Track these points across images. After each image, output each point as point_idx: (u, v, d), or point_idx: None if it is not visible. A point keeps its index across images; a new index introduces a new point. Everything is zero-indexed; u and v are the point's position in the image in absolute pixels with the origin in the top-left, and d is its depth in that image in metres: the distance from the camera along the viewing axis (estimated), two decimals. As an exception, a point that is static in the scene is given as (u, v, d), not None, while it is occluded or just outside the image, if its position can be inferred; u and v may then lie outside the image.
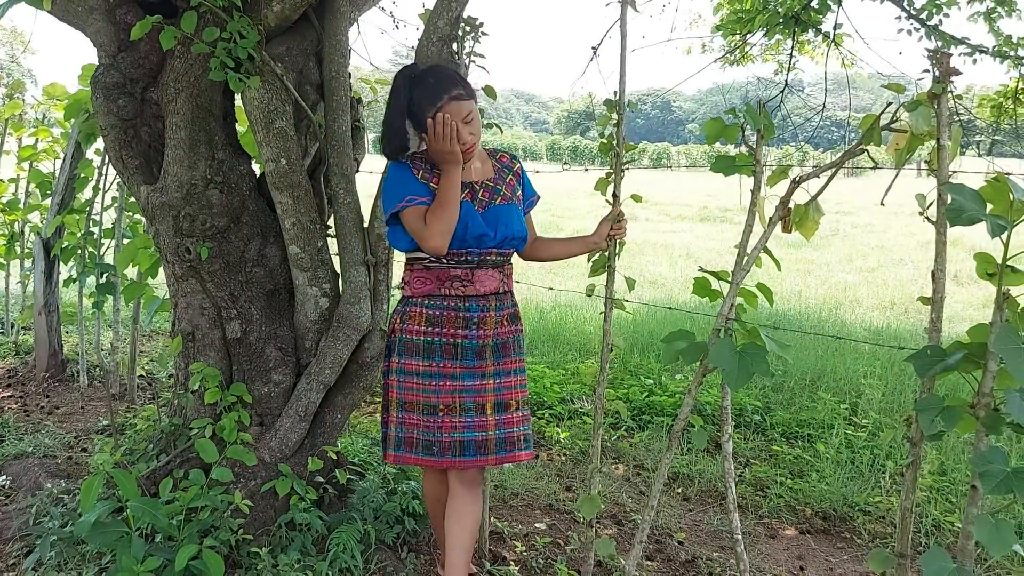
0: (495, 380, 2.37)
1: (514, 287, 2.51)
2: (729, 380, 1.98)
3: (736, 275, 2.13)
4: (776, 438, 4.10)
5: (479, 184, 2.38)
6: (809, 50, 7.62)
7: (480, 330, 2.35)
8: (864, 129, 1.94)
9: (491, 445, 2.33)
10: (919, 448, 1.84)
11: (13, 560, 2.67)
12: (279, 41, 2.83)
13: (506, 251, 2.41)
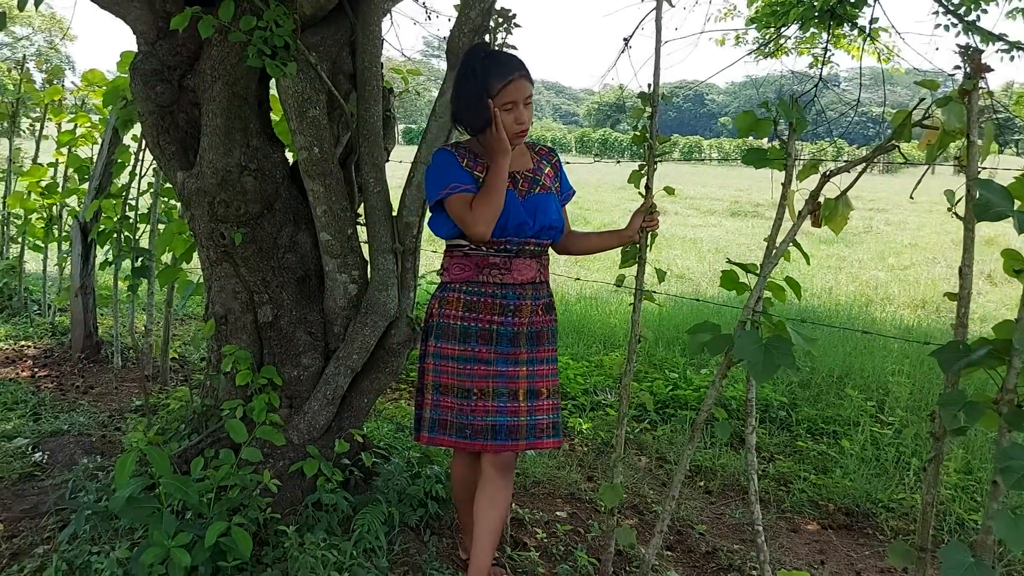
0: (528, 368, 2.41)
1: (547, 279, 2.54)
2: (754, 372, 1.99)
3: (764, 268, 2.14)
4: (801, 434, 4.09)
5: (519, 174, 2.42)
6: (845, 44, 7.53)
7: (516, 318, 2.39)
8: (896, 125, 1.94)
9: (522, 431, 2.37)
10: (942, 443, 1.85)
11: (48, 533, 2.74)
12: (314, 31, 2.86)
13: (543, 241, 2.45)
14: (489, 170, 2.32)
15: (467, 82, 2.37)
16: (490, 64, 2.33)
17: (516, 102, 2.29)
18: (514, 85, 2.28)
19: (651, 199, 2.49)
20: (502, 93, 2.28)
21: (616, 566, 2.72)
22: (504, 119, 2.29)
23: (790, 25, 6.71)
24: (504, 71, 2.30)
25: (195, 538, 2.36)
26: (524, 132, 2.36)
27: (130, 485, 2.40)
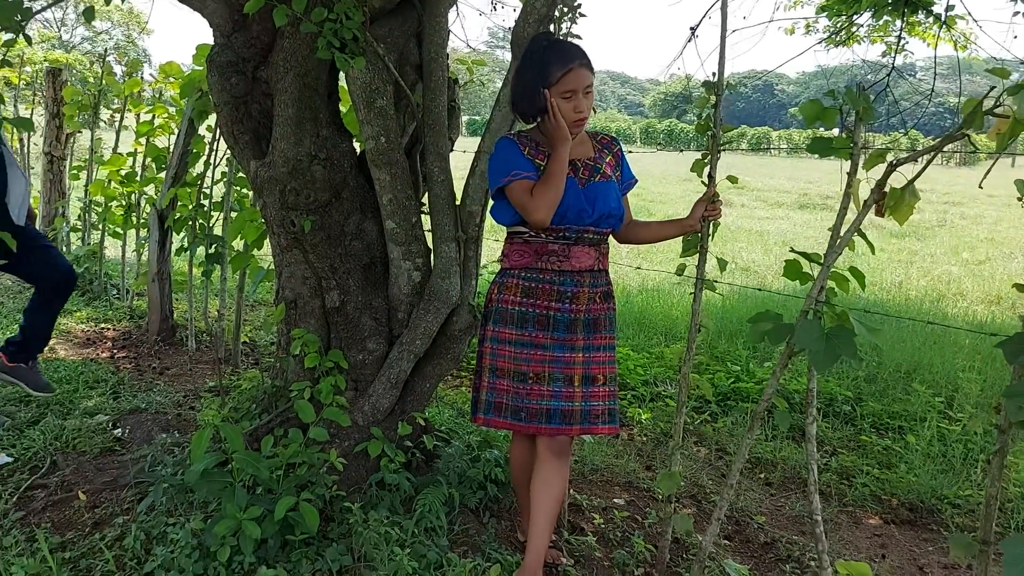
0: (584, 354, 2.44)
1: (606, 267, 2.56)
2: (815, 362, 1.99)
3: (828, 257, 2.12)
4: (865, 428, 4.03)
5: (580, 161, 2.45)
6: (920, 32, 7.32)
7: (573, 304, 2.42)
8: (966, 114, 1.90)
9: (576, 415, 2.41)
10: (1007, 436, 1.81)
11: (127, 504, 2.88)
12: (382, 23, 2.92)
13: (603, 230, 2.47)
14: (549, 158, 2.36)
15: (527, 69, 2.40)
16: (551, 52, 2.36)
17: (575, 91, 2.32)
18: (574, 74, 2.31)
19: (713, 188, 2.49)
20: (561, 81, 2.31)
21: (673, 553, 2.74)
22: (563, 108, 2.32)
23: (862, 12, 6.55)
24: (564, 59, 2.33)
25: (265, 512, 2.46)
26: (583, 121, 2.38)
27: (204, 460, 2.52)
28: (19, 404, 3.83)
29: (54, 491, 2.97)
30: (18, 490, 2.95)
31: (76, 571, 2.44)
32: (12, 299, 6.19)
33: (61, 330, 5.32)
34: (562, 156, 2.33)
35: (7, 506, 2.81)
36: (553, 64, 2.32)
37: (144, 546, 2.55)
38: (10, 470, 3.13)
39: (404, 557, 2.38)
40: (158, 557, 2.44)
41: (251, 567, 2.42)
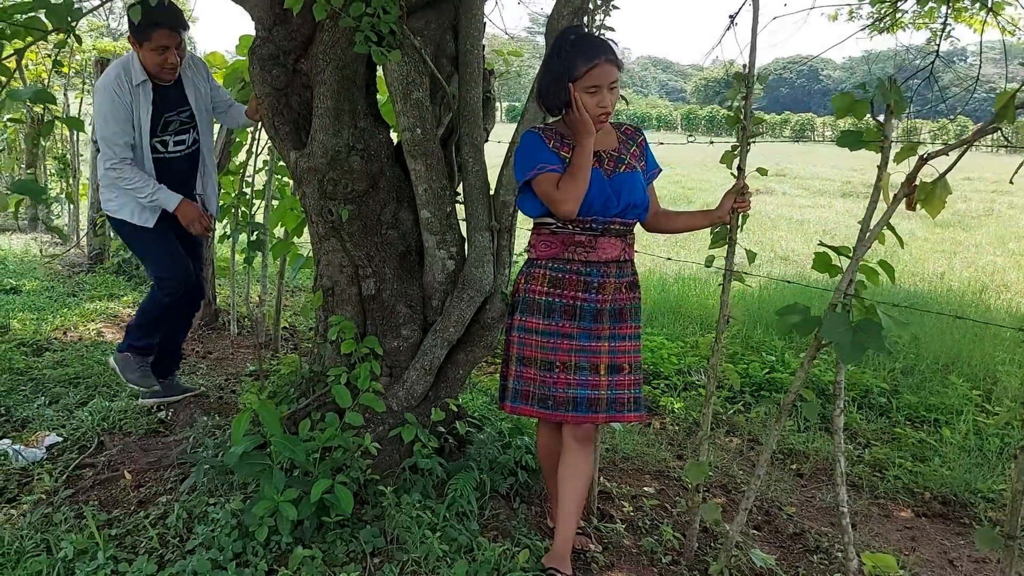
0: (610, 343, 2.48)
1: (635, 257, 2.59)
2: (841, 354, 2.00)
3: (857, 250, 2.13)
4: (900, 421, 4.01)
5: (605, 153, 2.48)
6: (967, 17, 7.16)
7: (599, 295, 2.46)
8: (999, 106, 1.90)
9: (602, 404, 2.45)
10: (1036, 432, 1.81)
11: (171, 484, 2.98)
12: (419, 15, 2.96)
13: (629, 220, 2.50)
14: (574, 150, 2.39)
15: (553, 62, 2.43)
16: (577, 47, 2.38)
17: (600, 86, 2.34)
18: (599, 69, 2.33)
19: (743, 180, 2.50)
20: (587, 76, 2.33)
21: (701, 542, 2.77)
22: (587, 102, 2.34)
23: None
24: (590, 54, 2.35)
25: (301, 494, 2.54)
26: (607, 116, 2.41)
27: (244, 442, 2.60)
28: (67, 386, 3.97)
29: (101, 470, 3.09)
30: (67, 469, 3.07)
31: (122, 547, 2.54)
32: (62, 283, 6.38)
33: (108, 314, 5.48)
34: (587, 148, 2.37)
35: (57, 484, 2.93)
36: (579, 59, 2.34)
37: (186, 525, 2.65)
38: (59, 449, 3.26)
39: (435, 540, 2.44)
40: (199, 535, 2.53)
41: (288, 547, 2.50)
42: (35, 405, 3.68)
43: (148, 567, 2.37)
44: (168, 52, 3.36)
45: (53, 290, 6.08)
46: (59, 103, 9.37)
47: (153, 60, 3.36)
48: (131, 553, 2.51)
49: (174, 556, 2.48)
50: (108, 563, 2.40)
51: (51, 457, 3.20)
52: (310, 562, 2.40)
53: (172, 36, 3.35)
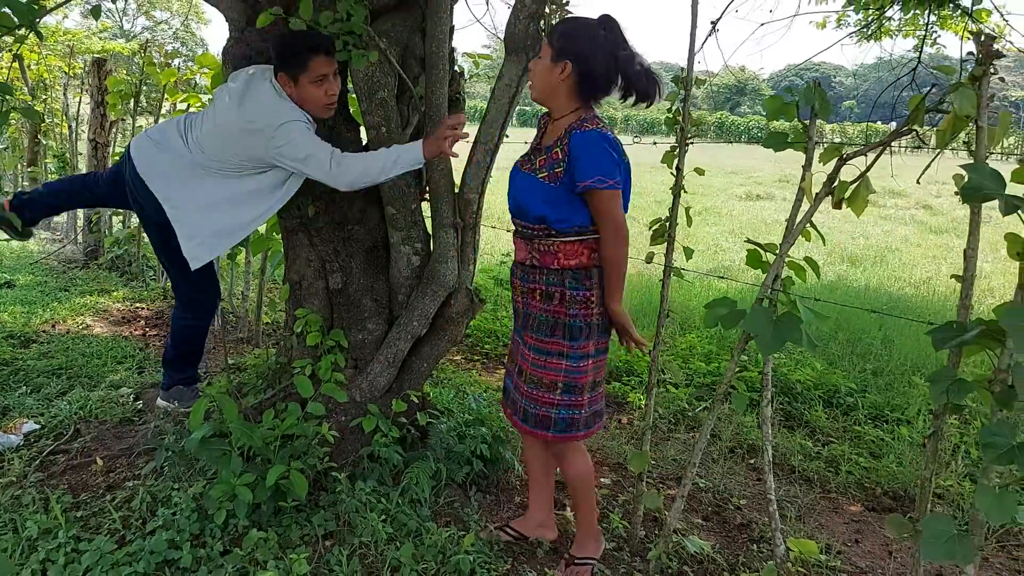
0: (527, 350, 2.53)
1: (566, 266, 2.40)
2: (762, 346, 2.08)
3: (782, 247, 2.21)
4: (862, 420, 4.08)
5: (538, 143, 2.50)
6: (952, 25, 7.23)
7: (516, 295, 2.59)
8: (911, 109, 1.98)
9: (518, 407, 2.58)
10: (940, 420, 1.90)
11: (139, 470, 3.07)
12: (386, 18, 3.06)
13: (530, 224, 2.41)
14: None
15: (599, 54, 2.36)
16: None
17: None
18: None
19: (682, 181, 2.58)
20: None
21: (649, 531, 2.85)
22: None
23: (890, 6, 6.51)
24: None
25: (258, 479, 2.63)
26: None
27: (204, 428, 2.70)
28: (50, 376, 4.08)
29: (74, 456, 3.19)
30: (41, 455, 3.17)
31: (86, 528, 2.64)
32: (56, 278, 6.50)
33: (98, 308, 5.59)
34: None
35: (28, 469, 3.03)
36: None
37: (149, 508, 2.74)
38: (36, 436, 3.36)
39: (380, 524, 2.53)
40: (160, 518, 2.63)
41: (244, 529, 2.59)
42: (16, 394, 3.78)
43: (107, 545, 2.46)
44: (327, 83, 2.87)
45: (46, 285, 6.20)
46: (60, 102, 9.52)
47: (314, 96, 2.87)
48: (94, 533, 2.60)
49: (134, 536, 2.57)
50: (70, 542, 2.50)
51: (28, 444, 3.29)
52: (264, 544, 2.50)
53: (330, 62, 2.84)
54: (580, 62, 2.32)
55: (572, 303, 2.40)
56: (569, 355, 2.43)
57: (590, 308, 2.40)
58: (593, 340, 2.43)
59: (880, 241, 10.56)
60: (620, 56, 2.33)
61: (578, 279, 2.39)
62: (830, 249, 9.87)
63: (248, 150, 2.92)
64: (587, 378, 2.46)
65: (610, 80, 2.36)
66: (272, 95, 2.87)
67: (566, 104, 2.40)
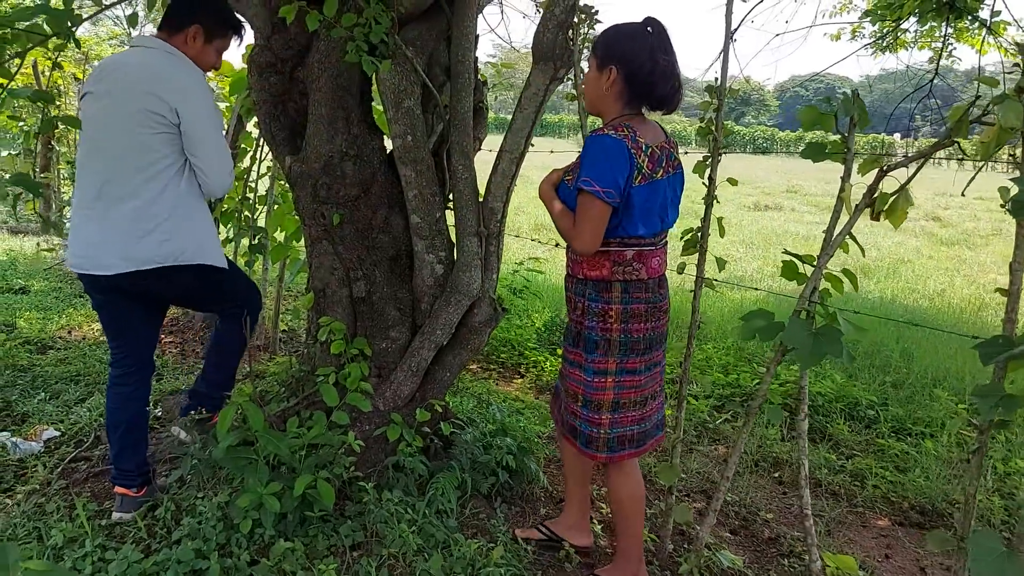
0: (562, 357, 2.57)
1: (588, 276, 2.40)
2: (801, 359, 2.06)
3: (820, 259, 2.19)
4: (885, 433, 4.04)
5: None
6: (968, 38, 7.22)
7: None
8: (952, 122, 1.96)
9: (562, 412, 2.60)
10: (985, 436, 1.87)
11: (162, 478, 3.06)
12: (412, 26, 3.05)
13: None
14: None
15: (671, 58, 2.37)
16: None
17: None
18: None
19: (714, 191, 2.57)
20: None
21: (677, 544, 2.82)
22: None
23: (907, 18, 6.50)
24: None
25: (285, 488, 2.61)
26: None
27: (230, 436, 2.68)
28: (68, 383, 4.07)
29: (96, 463, 3.17)
30: (62, 461, 3.15)
31: (111, 537, 2.62)
32: (70, 284, 6.50)
33: (113, 315, 5.58)
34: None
35: (51, 475, 3.02)
36: None
37: (174, 516, 2.73)
38: (56, 443, 3.34)
39: (411, 535, 2.51)
40: (185, 527, 2.61)
41: (271, 539, 2.57)
42: (35, 400, 3.78)
43: (134, 555, 2.44)
44: (221, 57, 3.04)
45: (60, 291, 6.20)
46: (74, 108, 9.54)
47: (210, 62, 2.95)
48: (119, 542, 2.59)
49: (160, 545, 2.55)
50: (96, 551, 2.48)
51: (48, 450, 3.28)
52: (291, 554, 2.48)
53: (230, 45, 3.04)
54: (624, 65, 2.30)
55: (590, 315, 2.39)
56: (585, 368, 2.42)
57: (608, 323, 2.36)
58: (614, 358, 2.37)
59: (891, 252, 10.52)
60: (659, 59, 2.29)
61: (598, 291, 2.37)
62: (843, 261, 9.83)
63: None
64: (606, 396, 2.40)
65: (656, 82, 2.30)
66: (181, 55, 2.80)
67: (615, 110, 2.37)
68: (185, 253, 2.67)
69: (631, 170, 2.22)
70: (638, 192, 2.25)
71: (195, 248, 2.71)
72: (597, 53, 2.37)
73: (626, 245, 2.32)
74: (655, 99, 2.34)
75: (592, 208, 2.22)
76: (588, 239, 2.24)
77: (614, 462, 2.47)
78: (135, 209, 2.56)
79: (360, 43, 2.79)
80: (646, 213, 2.30)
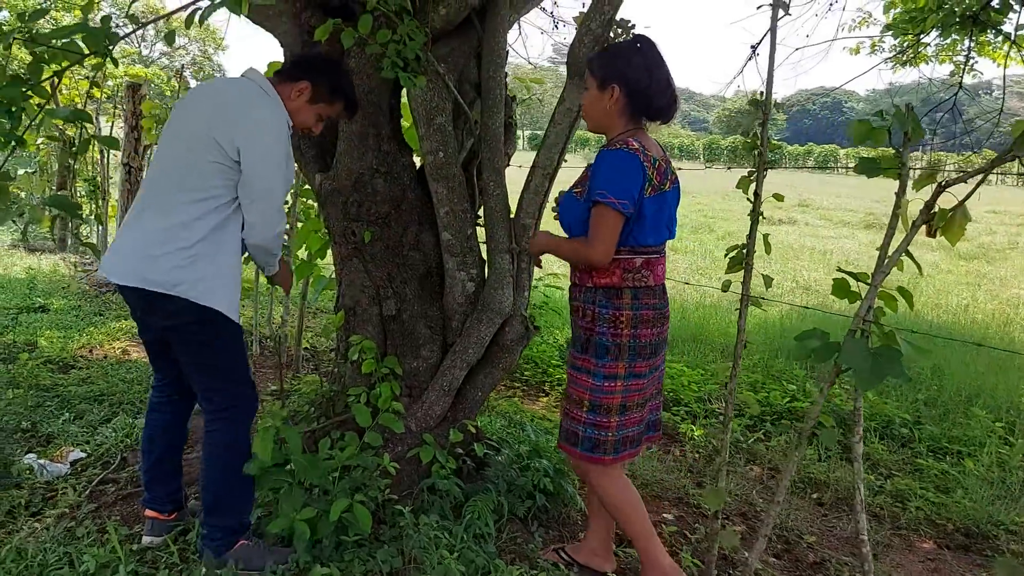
0: (568, 365, 2.60)
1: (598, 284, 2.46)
2: (860, 380, 1.99)
3: (875, 277, 2.13)
4: (923, 452, 3.96)
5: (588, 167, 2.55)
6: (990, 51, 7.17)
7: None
8: (1016, 136, 1.91)
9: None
10: (1057, 461, 1.80)
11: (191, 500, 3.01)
12: (443, 43, 3.02)
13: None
14: None
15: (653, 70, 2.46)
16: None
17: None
18: None
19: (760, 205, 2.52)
20: None
21: (720, 569, 2.75)
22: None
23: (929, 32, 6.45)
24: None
25: (320, 513, 2.55)
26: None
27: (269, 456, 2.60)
28: (92, 402, 4.03)
29: (124, 486, 3.12)
30: (90, 484, 3.10)
31: (142, 562, 2.57)
32: (89, 302, 6.47)
33: (133, 332, 5.55)
34: None
35: (80, 498, 2.97)
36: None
37: (206, 540, 2.66)
38: (83, 465, 3.30)
39: (453, 561, 2.44)
40: (219, 551, 2.54)
41: (306, 565, 2.51)
42: (60, 421, 3.73)
43: (168, 581, 2.39)
44: (322, 123, 2.77)
45: (80, 309, 6.18)
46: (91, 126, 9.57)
47: (306, 122, 2.70)
48: (152, 568, 2.53)
49: (193, 571, 2.49)
50: (129, 577, 2.43)
51: (75, 472, 3.23)
52: (327, 580, 2.41)
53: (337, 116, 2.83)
54: (626, 83, 2.41)
55: (600, 321, 2.45)
56: (595, 373, 2.46)
57: (619, 328, 2.43)
58: (624, 362, 2.44)
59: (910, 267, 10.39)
60: (655, 73, 2.42)
61: (608, 298, 2.44)
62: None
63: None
64: (615, 400, 2.45)
65: (654, 95, 2.43)
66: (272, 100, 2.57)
67: (619, 127, 2.48)
68: (194, 289, 2.38)
69: (643, 182, 2.33)
70: (649, 203, 2.37)
71: (206, 288, 2.40)
72: (596, 73, 2.47)
73: (636, 253, 2.43)
74: (654, 111, 2.46)
75: (608, 218, 2.33)
76: (604, 249, 2.36)
77: (604, 463, 2.50)
78: (165, 228, 2.41)
79: (395, 59, 2.76)
80: (655, 223, 2.42)
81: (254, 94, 2.50)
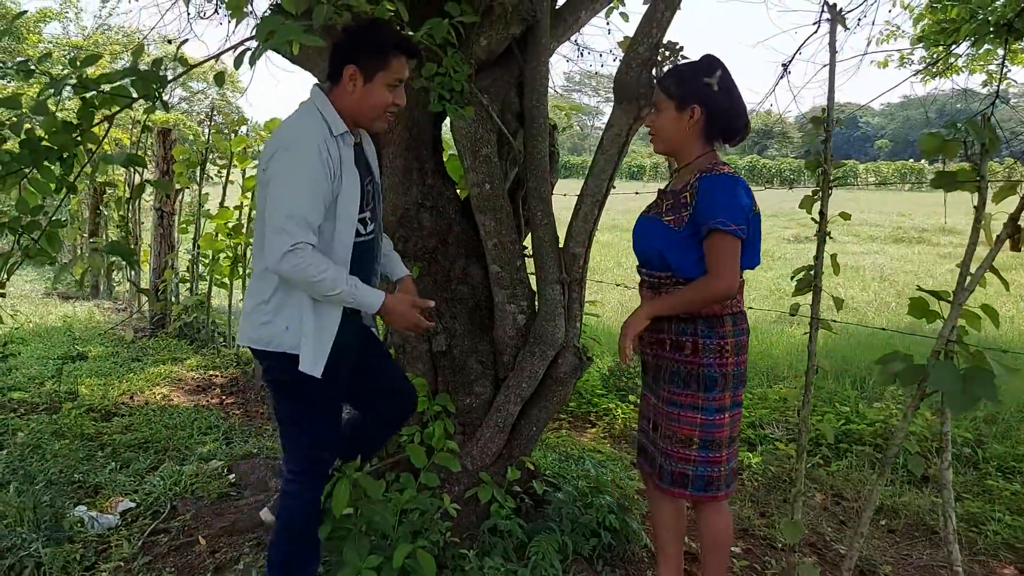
0: (661, 404, 2.42)
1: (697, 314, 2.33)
2: (952, 404, 1.91)
3: (959, 295, 2.04)
4: (991, 472, 3.82)
5: (667, 192, 2.45)
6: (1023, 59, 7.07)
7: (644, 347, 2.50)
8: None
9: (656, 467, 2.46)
10: None
11: (246, 549, 2.95)
12: (486, 74, 2.98)
13: (653, 272, 2.41)
14: None
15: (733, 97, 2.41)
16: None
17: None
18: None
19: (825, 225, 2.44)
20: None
21: (796, 605, 2.63)
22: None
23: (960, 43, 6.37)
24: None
25: (383, 560, 2.47)
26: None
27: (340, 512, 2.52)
28: (137, 450, 3.99)
29: (176, 536, 3.06)
30: (143, 535, 3.05)
31: (201, 615, 2.50)
32: (126, 348, 6.47)
33: (173, 377, 5.53)
34: None
35: (135, 551, 2.91)
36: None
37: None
38: (133, 515, 3.24)
39: (522, 605, 2.36)
40: (282, 603, 2.47)
41: (371, 613, 2.43)
42: (107, 470, 3.69)
43: (230, 636, 2.32)
44: (398, 90, 2.33)
45: (118, 355, 6.17)
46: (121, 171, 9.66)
47: (382, 100, 2.30)
48: (211, 621, 2.46)
49: (255, 624, 2.42)
50: (190, 632, 2.36)
51: (125, 523, 3.18)
52: (394, 630, 2.33)
53: (409, 67, 2.35)
54: (706, 104, 2.33)
55: (706, 352, 2.33)
56: (705, 408, 2.34)
57: (724, 357, 2.33)
58: (729, 391, 2.35)
59: (945, 281, 10.23)
60: (735, 95, 2.35)
61: (711, 327, 2.33)
62: (899, 290, 9.61)
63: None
64: (724, 432, 2.35)
65: (732, 116, 2.36)
66: (305, 109, 2.29)
67: (695, 149, 2.39)
68: (275, 339, 2.25)
69: (750, 204, 2.28)
70: (751, 225, 2.29)
71: (282, 332, 2.25)
72: (673, 94, 2.37)
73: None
74: (730, 133, 2.39)
75: (732, 246, 2.22)
76: (732, 277, 2.24)
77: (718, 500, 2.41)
78: (251, 281, 2.35)
79: (443, 92, 2.72)
80: (754, 246, 2.36)
81: (294, 113, 2.30)
